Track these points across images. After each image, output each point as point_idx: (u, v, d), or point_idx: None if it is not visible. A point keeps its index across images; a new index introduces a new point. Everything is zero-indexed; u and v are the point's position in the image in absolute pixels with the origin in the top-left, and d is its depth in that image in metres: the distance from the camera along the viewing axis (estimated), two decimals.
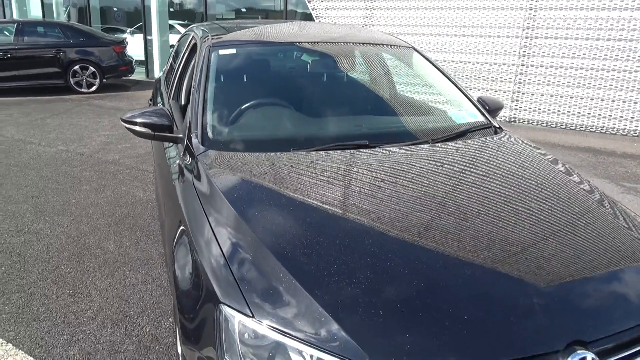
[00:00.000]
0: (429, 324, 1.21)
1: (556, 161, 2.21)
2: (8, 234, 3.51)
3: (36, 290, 2.80)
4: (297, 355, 1.19)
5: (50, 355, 2.26)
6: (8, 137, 6.39)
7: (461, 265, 1.39)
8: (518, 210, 1.69)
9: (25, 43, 9.65)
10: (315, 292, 1.27)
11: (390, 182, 1.80)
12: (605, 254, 1.54)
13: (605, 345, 1.25)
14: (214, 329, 1.30)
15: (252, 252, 1.41)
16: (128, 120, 2.20)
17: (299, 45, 2.67)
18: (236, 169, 1.86)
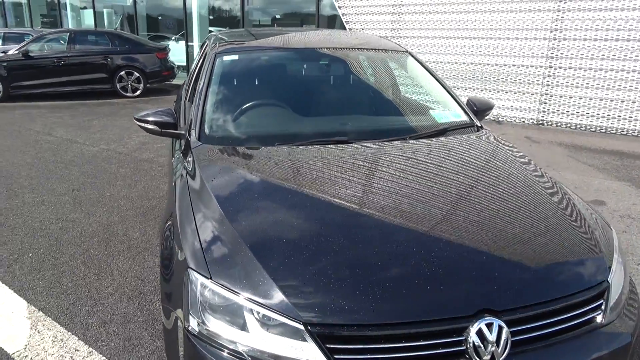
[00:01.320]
0: (354, 288, 1.42)
1: (524, 158, 2.35)
2: (49, 221, 3.95)
3: (67, 269, 3.18)
4: (245, 311, 1.44)
5: (73, 322, 2.60)
6: (57, 137, 6.98)
7: (396, 238, 1.60)
8: (466, 195, 1.88)
9: (76, 50, 10.40)
10: (264, 261, 1.51)
11: (355, 171, 2.02)
12: (535, 236, 1.70)
13: (514, 315, 1.42)
14: (183, 290, 1.56)
15: (220, 229, 1.67)
16: (140, 119, 2.52)
17: (298, 52, 2.92)
18: (221, 160, 2.14)
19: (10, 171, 5.26)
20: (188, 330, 1.50)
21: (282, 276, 1.46)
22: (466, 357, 1.38)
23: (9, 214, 4.08)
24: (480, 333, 1.37)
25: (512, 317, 1.42)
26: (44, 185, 4.81)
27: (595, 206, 4.40)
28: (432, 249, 1.57)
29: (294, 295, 1.41)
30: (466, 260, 1.54)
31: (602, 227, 1.88)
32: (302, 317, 1.37)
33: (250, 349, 1.41)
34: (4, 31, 13.82)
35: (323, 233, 1.63)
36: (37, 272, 3.14)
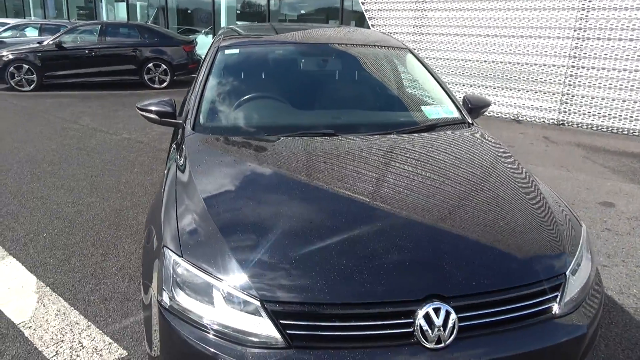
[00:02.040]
0: (310, 269, 1.51)
1: (506, 154, 2.37)
2: (65, 204, 4.16)
3: (77, 249, 3.37)
4: (210, 288, 1.54)
5: (76, 298, 2.77)
6: (83, 125, 7.27)
7: (358, 224, 1.68)
8: (436, 186, 1.95)
9: (107, 42, 10.75)
10: (231, 244, 1.61)
11: (335, 163, 2.10)
12: (496, 227, 1.75)
13: (462, 302, 1.48)
14: (159, 266, 1.68)
15: (197, 213, 1.78)
16: (142, 108, 2.67)
17: (298, 48, 3.01)
18: (209, 148, 2.25)
19: (35, 157, 5.53)
20: (160, 303, 1.62)
21: (245, 257, 1.56)
22: (414, 339, 1.45)
23: (29, 196, 4.32)
24: (428, 317, 1.44)
25: (460, 304, 1.48)
26: (65, 171, 5.05)
27: (603, 208, 4.35)
28: (392, 235, 1.64)
29: (254, 275, 1.51)
30: (422, 247, 1.60)
31: (572, 223, 1.90)
32: (258, 294, 1.47)
33: (215, 322, 1.51)
34: (40, 22, 14.38)
35: (290, 219, 1.72)
36: (49, 250, 3.33)
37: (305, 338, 1.44)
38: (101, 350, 2.35)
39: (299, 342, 1.44)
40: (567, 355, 1.60)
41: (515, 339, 1.51)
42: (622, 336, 2.56)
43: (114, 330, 2.49)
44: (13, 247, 3.37)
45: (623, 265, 3.32)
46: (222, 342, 1.48)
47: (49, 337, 2.43)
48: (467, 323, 1.48)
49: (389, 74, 3.06)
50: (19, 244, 3.42)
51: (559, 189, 4.84)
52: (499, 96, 8.18)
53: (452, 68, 8.64)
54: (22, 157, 5.48)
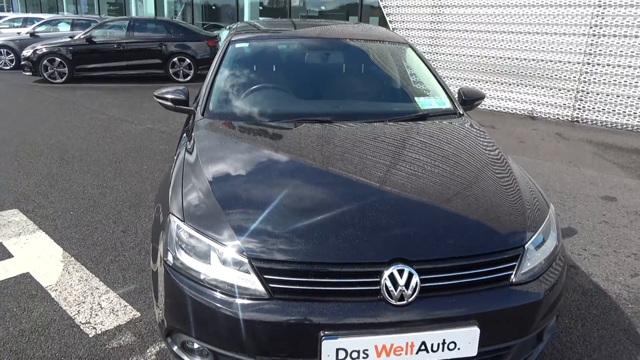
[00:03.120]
0: (293, 233, 1.73)
1: (489, 142, 2.54)
2: (91, 186, 4.49)
3: (100, 225, 3.67)
4: (208, 248, 1.78)
5: (97, 267, 3.06)
6: (110, 115, 7.65)
7: (339, 195, 1.91)
8: (415, 164, 2.17)
9: (135, 37, 11.17)
10: (227, 211, 1.84)
11: (327, 145, 2.32)
12: (464, 201, 1.94)
13: (425, 265, 1.69)
14: (165, 230, 1.92)
15: (200, 185, 2.02)
16: (158, 96, 2.93)
17: (303, 41, 3.24)
18: (215, 130, 2.51)
19: (65, 143, 5.91)
20: (165, 262, 1.86)
21: (238, 223, 1.79)
22: (380, 296, 1.66)
23: (58, 179, 4.66)
24: (393, 277, 1.65)
25: (422, 267, 1.68)
26: (92, 157, 5.40)
27: (605, 202, 4.44)
28: (367, 205, 1.85)
29: (244, 239, 1.73)
30: (393, 216, 1.81)
31: (539, 203, 2.07)
32: (247, 255, 1.70)
33: (211, 278, 1.75)
34: (72, 18, 14.95)
35: (279, 193, 1.94)
36: (75, 226, 3.65)
37: (285, 291, 1.66)
38: (117, 311, 2.63)
39: (279, 295, 1.66)
40: (522, 318, 1.78)
41: (472, 301, 1.71)
42: (600, 317, 2.71)
43: (129, 296, 2.77)
44: (43, 222, 3.69)
45: (614, 255, 3.45)
46: (215, 294, 1.71)
47: (72, 299, 2.72)
48: (428, 284, 1.68)
49: (387, 67, 3.25)
50: (48, 219, 3.74)
51: (562, 182, 4.94)
52: (513, 92, 8.24)
53: (468, 64, 8.72)
54: (52, 144, 5.86)
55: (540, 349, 2.00)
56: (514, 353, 1.84)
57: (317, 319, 1.62)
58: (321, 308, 1.64)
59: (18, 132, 6.38)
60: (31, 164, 5.06)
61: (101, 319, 2.55)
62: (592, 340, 2.51)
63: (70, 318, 2.55)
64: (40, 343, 2.36)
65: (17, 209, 3.92)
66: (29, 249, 3.27)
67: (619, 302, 2.86)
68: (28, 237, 3.45)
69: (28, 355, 2.27)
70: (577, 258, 3.38)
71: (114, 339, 2.40)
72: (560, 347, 2.45)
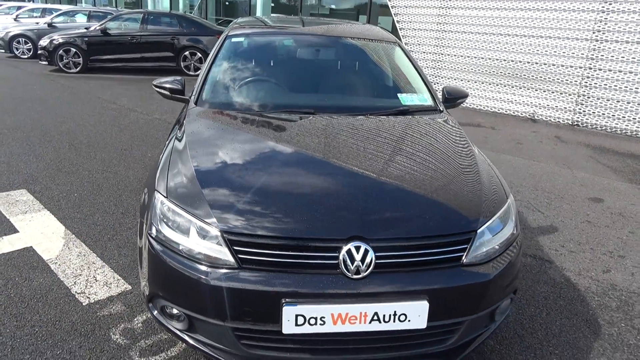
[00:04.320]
0: (262, 210, 1.91)
1: (461, 136, 2.69)
2: (96, 171, 4.71)
3: (101, 207, 3.89)
4: (187, 222, 1.96)
5: (96, 244, 3.27)
6: (121, 105, 7.90)
7: (310, 177, 2.09)
8: (385, 152, 2.35)
9: (148, 30, 11.43)
10: (206, 190, 2.02)
11: (307, 134, 2.49)
12: (424, 188, 2.10)
13: (380, 243, 1.85)
14: (150, 207, 2.11)
15: (184, 165, 2.20)
16: (157, 85, 3.12)
17: (295, 38, 3.41)
18: (204, 117, 2.69)
19: (74, 130, 6.15)
20: (149, 235, 2.05)
21: (214, 200, 1.97)
22: (338, 270, 1.82)
23: (66, 163, 4.89)
24: (350, 253, 1.82)
25: (378, 245, 1.84)
26: (99, 144, 5.63)
27: (591, 203, 4.56)
28: (333, 187, 2.03)
29: (219, 214, 1.91)
30: (356, 197, 1.98)
31: (497, 193, 2.22)
32: (220, 228, 1.87)
33: (189, 249, 1.92)
34: (89, 9, 15.27)
35: (254, 174, 2.12)
36: (78, 207, 3.86)
37: (252, 262, 1.84)
38: (111, 284, 2.83)
39: (247, 265, 1.83)
40: (471, 297, 1.93)
41: (423, 278, 1.86)
42: (565, 308, 2.85)
43: (123, 271, 2.97)
44: (48, 202, 3.91)
45: (590, 252, 3.57)
46: (192, 263, 1.89)
47: (69, 272, 2.93)
48: (383, 261, 1.84)
49: (375, 64, 3.40)
50: (53, 200, 3.96)
51: (552, 183, 5.05)
52: (516, 95, 8.33)
53: (472, 66, 8.82)
54: (63, 130, 6.11)
55: (493, 329, 2.15)
56: (464, 329, 1.99)
57: (279, 288, 1.79)
58: (284, 278, 1.81)
59: (31, 118, 6.64)
60: (41, 148, 5.31)
61: (95, 290, 2.75)
62: (554, 327, 2.65)
63: (67, 288, 2.76)
64: (37, 308, 2.56)
65: (25, 189, 4.15)
66: (34, 226, 3.49)
67: (586, 295, 3.00)
68: (33, 215, 3.68)
69: (27, 318, 2.48)
70: (553, 254, 3.51)
71: (105, 308, 2.60)
72: (522, 332, 2.60)
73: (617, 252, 3.60)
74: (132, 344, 2.34)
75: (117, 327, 2.45)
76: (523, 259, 3.39)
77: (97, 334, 2.39)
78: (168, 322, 2.04)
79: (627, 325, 2.71)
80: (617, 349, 2.51)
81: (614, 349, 2.51)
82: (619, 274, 3.27)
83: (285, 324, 1.79)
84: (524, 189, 4.85)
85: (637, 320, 2.77)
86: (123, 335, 2.39)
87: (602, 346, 2.52)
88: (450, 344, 2.00)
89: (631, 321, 2.76)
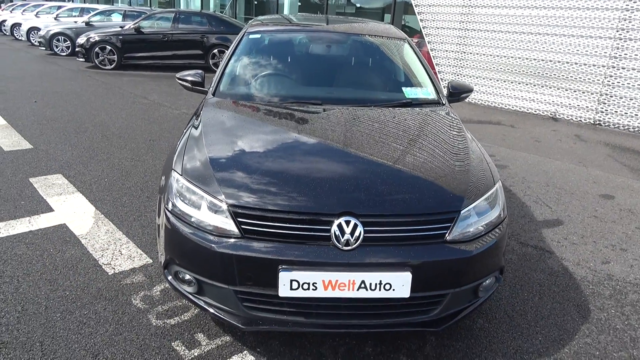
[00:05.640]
0: (266, 186, 2.13)
1: (459, 126, 2.86)
2: (125, 159, 5.04)
3: (128, 191, 4.20)
4: (198, 198, 2.20)
5: (122, 223, 3.57)
6: (151, 100, 8.28)
7: (312, 158, 2.31)
8: (385, 138, 2.55)
9: (179, 29, 11.85)
10: (216, 170, 2.25)
11: (314, 122, 2.71)
12: (415, 171, 2.29)
13: (368, 219, 2.04)
14: (168, 185, 2.36)
15: (198, 148, 2.45)
16: (180, 78, 3.40)
17: (309, 35, 3.63)
18: (220, 106, 2.94)
19: (107, 122, 6.53)
20: (167, 208, 2.30)
21: (223, 179, 2.20)
22: (330, 242, 2.03)
23: (98, 151, 5.25)
24: (341, 227, 2.02)
25: (367, 220, 2.03)
26: (129, 134, 5.98)
27: (601, 199, 4.61)
28: (329, 168, 2.25)
29: (226, 190, 2.14)
30: (350, 177, 2.18)
31: (485, 179, 2.37)
32: (227, 202, 2.10)
33: (200, 221, 2.16)
34: (124, 9, 15.87)
35: (261, 155, 2.35)
36: (108, 190, 4.18)
37: (254, 232, 2.06)
38: (134, 257, 3.11)
39: (249, 235, 2.06)
40: (453, 271, 2.10)
41: (408, 251, 2.04)
42: (558, 294, 2.97)
43: (145, 247, 3.25)
44: (81, 186, 4.25)
45: (592, 245, 3.66)
46: (202, 233, 2.13)
47: (98, 246, 3.22)
48: (371, 235, 2.04)
49: (382, 59, 3.58)
50: (85, 184, 4.30)
51: (565, 180, 5.12)
52: (537, 93, 8.33)
53: (494, 64, 8.85)
54: (97, 122, 6.50)
55: (477, 304, 2.31)
56: (448, 302, 2.17)
57: (277, 256, 2.01)
58: (281, 247, 2.02)
59: (68, 111, 7.07)
60: (76, 138, 5.69)
61: (120, 262, 3.04)
62: (544, 310, 2.79)
63: (95, 260, 3.05)
64: (69, 276, 2.86)
65: (61, 174, 4.50)
66: (67, 206, 3.82)
67: (582, 284, 3.11)
68: (67, 196, 4.01)
69: (59, 283, 2.78)
70: (555, 245, 3.62)
71: (128, 278, 2.88)
72: (513, 313, 2.75)
73: (620, 245, 3.68)
74: (150, 308, 2.60)
75: (138, 294, 2.72)
76: (523, 248, 3.52)
77: (120, 299, 2.67)
78: (180, 286, 2.28)
79: (617, 312, 2.82)
80: (603, 332, 2.63)
81: (600, 332, 2.63)
82: (618, 266, 3.36)
83: (281, 287, 2.01)
84: (535, 184, 4.94)
85: (628, 308, 2.87)
86: (143, 301, 2.66)
87: (588, 329, 2.65)
88: (434, 314, 2.18)
89: (622, 308, 2.86)
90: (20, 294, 2.66)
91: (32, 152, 5.10)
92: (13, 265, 2.94)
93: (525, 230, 3.83)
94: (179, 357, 2.26)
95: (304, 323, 2.13)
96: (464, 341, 2.48)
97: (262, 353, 2.32)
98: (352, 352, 2.35)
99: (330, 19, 4.21)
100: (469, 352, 2.40)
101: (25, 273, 2.86)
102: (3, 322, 2.42)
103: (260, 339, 2.40)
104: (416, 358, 2.33)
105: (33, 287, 2.73)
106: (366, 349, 2.38)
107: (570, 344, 2.51)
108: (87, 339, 2.34)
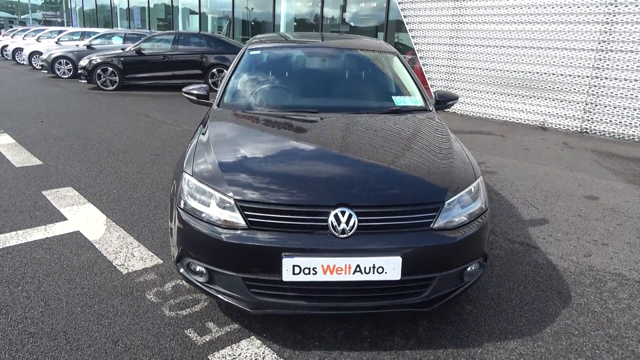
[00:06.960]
0: (268, 183, 2.37)
1: (443, 128, 3.12)
2: (132, 172, 5.28)
3: (137, 201, 4.43)
4: (208, 196, 2.43)
5: (132, 229, 3.79)
6: (153, 118, 8.56)
7: (311, 158, 2.56)
8: (375, 139, 2.82)
9: (179, 50, 12.22)
10: (225, 171, 2.49)
11: (311, 128, 2.97)
12: (403, 166, 2.54)
13: (362, 209, 2.28)
14: (179, 186, 2.60)
15: (206, 150, 2.69)
16: (186, 91, 3.67)
17: (306, 51, 3.92)
18: (225, 115, 3.20)
19: (112, 139, 6.79)
20: (179, 206, 2.53)
21: (230, 178, 2.44)
22: (327, 230, 2.26)
23: (106, 166, 5.49)
24: (337, 217, 2.25)
25: (361, 210, 2.27)
26: (134, 150, 6.23)
27: (586, 200, 4.86)
28: (326, 165, 2.50)
29: (234, 188, 2.38)
30: (345, 173, 2.44)
31: (467, 174, 2.62)
32: (235, 198, 2.34)
33: (210, 216, 2.39)
34: (124, 32, 16.28)
35: (263, 156, 2.60)
36: (117, 201, 4.41)
37: (259, 224, 2.29)
38: (146, 259, 3.33)
39: (255, 226, 2.29)
40: (439, 256, 2.33)
41: (398, 238, 2.28)
42: (542, 283, 3.19)
43: (156, 249, 3.47)
44: (92, 197, 4.48)
45: (575, 240, 3.89)
46: (211, 227, 2.36)
47: (111, 249, 3.44)
48: (364, 224, 2.27)
49: (374, 71, 3.86)
50: (96, 195, 4.53)
51: (552, 184, 5.37)
52: (526, 104, 8.64)
53: (484, 77, 9.18)
54: (102, 139, 6.76)
55: (463, 288, 2.53)
56: (436, 285, 2.39)
57: (280, 244, 2.24)
58: (284, 236, 2.26)
59: (73, 129, 7.33)
60: (83, 154, 5.93)
61: (132, 263, 3.25)
62: (528, 297, 3.01)
63: (109, 261, 3.27)
64: (86, 275, 3.07)
65: (72, 187, 4.73)
66: (80, 215, 4.05)
67: (564, 274, 3.33)
68: (79, 207, 4.24)
69: (77, 282, 2.99)
70: (540, 241, 3.85)
71: (141, 276, 3.09)
72: (499, 300, 2.96)
73: (602, 240, 3.91)
74: (163, 302, 2.81)
75: (151, 290, 2.93)
76: (510, 245, 3.75)
77: (135, 295, 2.88)
78: (192, 277, 2.50)
79: (596, 297, 3.04)
80: (582, 314, 2.84)
81: (579, 314, 2.84)
82: (599, 258, 3.59)
83: (285, 273, 2.23)
84: (523, 188, 5.18)
85: (606, 294, 3.09)
86: (156, 296, 2.87)
87: (568, 312, 2.86)
88: (423, 296, 2.40)
89: (601, 294, 3.08)
90: (42, 292, 2.87)
91: (43, 168, 5.34)
92: (33, 267, 3.15)
93: (513, 229, 4.06)
94: (192, 342, 2.47)
95: (305, 306, 2.35)
96: (454, 324, 2.69)
97: (268, 337, 2.52)
98: (350, 335, 2.56)
99: (325, 36, 4.52)
100: (458, 334, 2.61)
101: (45, 274, 3.07)
102: (29, 316, 2.63)
103: (266, 325, 2.62)
104: (410, 340, 2.54)
105: (53, 285, 2.94)
106: (363, 332, 2.59)
107: (551, 325, 2.73)
108: (106, 329, 2.55)
